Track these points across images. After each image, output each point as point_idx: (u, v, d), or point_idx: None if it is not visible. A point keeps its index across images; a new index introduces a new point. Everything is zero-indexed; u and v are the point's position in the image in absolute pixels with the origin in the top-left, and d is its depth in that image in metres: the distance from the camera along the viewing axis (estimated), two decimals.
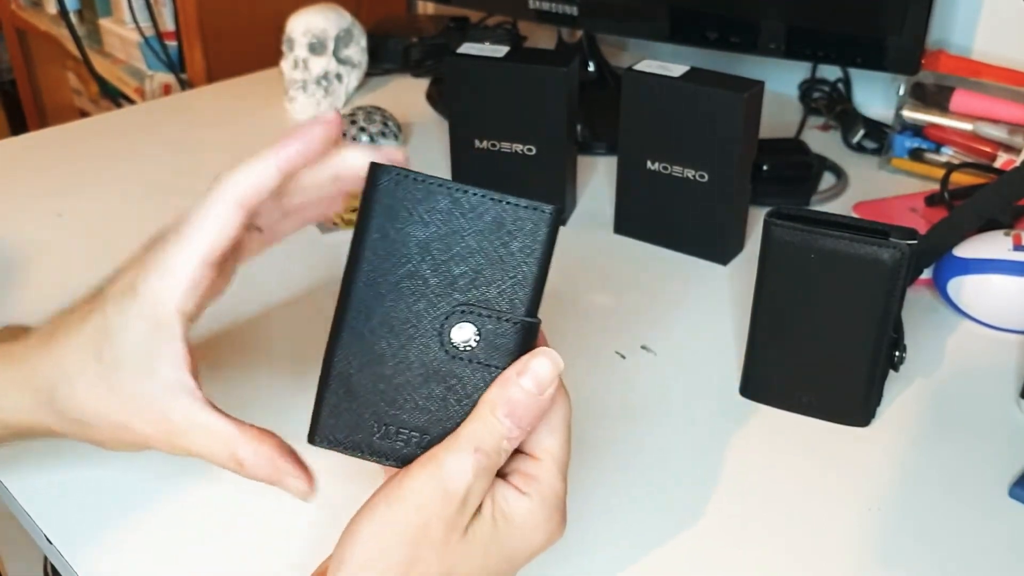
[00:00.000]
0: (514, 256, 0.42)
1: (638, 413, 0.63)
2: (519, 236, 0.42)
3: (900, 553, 0.53)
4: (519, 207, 0.42)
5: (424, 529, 0.39)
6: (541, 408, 0.41)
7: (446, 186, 0.42)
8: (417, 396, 0.42)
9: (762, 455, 0.59)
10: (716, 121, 0.73)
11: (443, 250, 0.42)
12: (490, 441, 0.40)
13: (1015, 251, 0.69)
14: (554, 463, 0.42)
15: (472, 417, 0.41)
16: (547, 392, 0.41)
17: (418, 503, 0.39)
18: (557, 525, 0.42)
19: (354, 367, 0.42)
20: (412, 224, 0.42)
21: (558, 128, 0.80)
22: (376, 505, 0.40)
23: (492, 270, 0.42)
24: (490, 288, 0.42)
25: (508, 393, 0.40)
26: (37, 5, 1.73)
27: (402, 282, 0.42)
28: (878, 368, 0.60)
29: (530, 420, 0.41)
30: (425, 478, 0.39)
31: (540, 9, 0.98)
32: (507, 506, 0.41)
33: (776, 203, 0.61)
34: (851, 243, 0.56)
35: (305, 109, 1.05)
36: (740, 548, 0.53)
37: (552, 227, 0.42)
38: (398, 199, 0.42)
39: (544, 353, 0.41)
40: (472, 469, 0.39)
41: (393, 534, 0.39)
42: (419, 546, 0.39)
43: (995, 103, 0.89)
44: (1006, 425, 0.62)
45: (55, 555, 0.53)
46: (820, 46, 0.86)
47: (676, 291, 0.76)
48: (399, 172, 0.42)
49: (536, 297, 0.42)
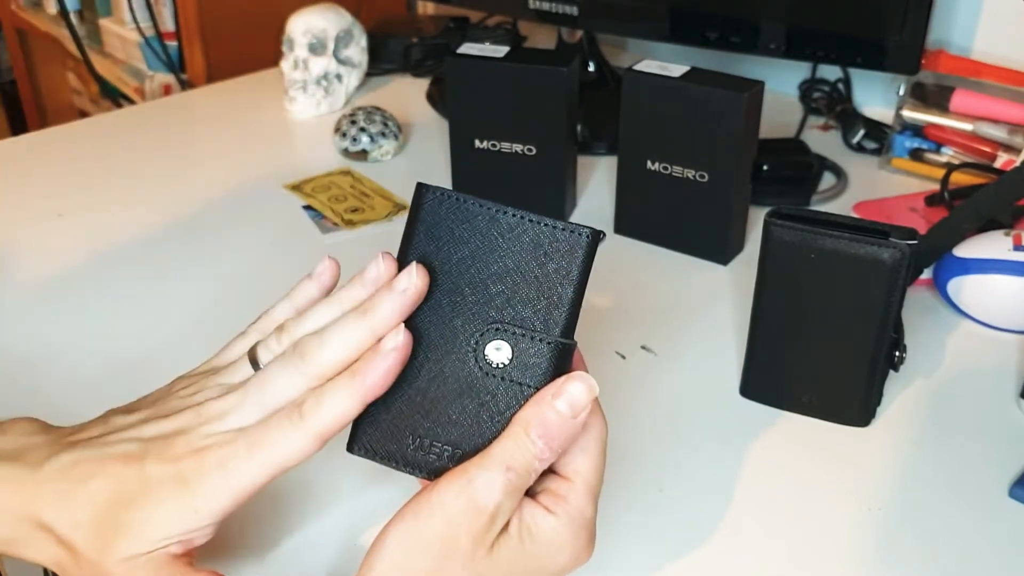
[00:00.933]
0: (550, 277, 0.43)
1: (638, 413, 0.63)
2: (556, 258, 0.42)
3: (900, 553, 0.53)
4: (557, 229, 0.43)
5: (452, 542, 0.39)
6: (574, 431, 0.41)
7: (486, 206, 0.43)
8: (451, 410, 0.42)
9: (762, 455, 0.59)
10: (716, 121, 0.73)
11: (481, 268, 0.43)
12: (521, 460, 0.40)
13: (1015, 251, 0.69)
14: (584, 485, 0.42)
15: (505, 435, 0.41)
16: (581, 416, 0.41)
17: (447, 516, 0.40)
18: (584, 546, 0.42)
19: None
20: (453, 242, 0.43)
21: (558, 128, 0.80)
22: (405, 516, 0.40)
23: (528, 290, 0.43)
24: (526, 308, 0.42)
25: (542, 414, 0.41)
26: (37, 5, 1.73)
27: (441, 298, 0.43)
28: (878, 368, 0.60)
29: (562, 442, 0.41)
30: (455, 492, 0.40)
31: (540, 9, 0.98)
32: (534, 525, 0.41)
33: (776, 203, 0.61)
34: (851, 243, 0.56)
35: (305, 109, 1.05)
36: (740, 548, 0.53)
37: (589, 250, 0.43)
38: (440, 218, 0.43)
39: (580, 377, 0.41)
40: (502, 487, 0.40)
41: (420, 545, 0.39)
42: (446, 559, 0.39)
43: (995, 103, 0.89)
44: (1006, 425, 0.62)
45: None
46: (820, 46, 0.86)
47: (676, 291, 0.76)
48: (442, 192, 0.43)
49: (571, 319, 0.43)
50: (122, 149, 0.98)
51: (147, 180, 0.92)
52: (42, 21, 1.70)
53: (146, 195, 0.89)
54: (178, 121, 1.06)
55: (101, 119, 1.08)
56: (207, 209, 0.86)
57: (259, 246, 0.81)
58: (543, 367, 0.42)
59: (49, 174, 0.93)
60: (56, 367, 0.66)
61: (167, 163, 0.95)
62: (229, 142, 1.00)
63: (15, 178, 0.92)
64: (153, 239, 0.82)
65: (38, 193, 0.89)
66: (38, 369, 0.66)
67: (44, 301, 0.74)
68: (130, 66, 1.50)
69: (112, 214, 0.85)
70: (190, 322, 0.71)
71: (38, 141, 1.01)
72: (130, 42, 1.46)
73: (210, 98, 1.12)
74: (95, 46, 1.57)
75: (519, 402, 0.42)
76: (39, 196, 0.89)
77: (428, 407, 0.43)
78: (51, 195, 0.89)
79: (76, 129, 1.03)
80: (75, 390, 0.64)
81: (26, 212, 0.86)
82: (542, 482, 0.43)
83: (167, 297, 0.74)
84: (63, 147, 0.98)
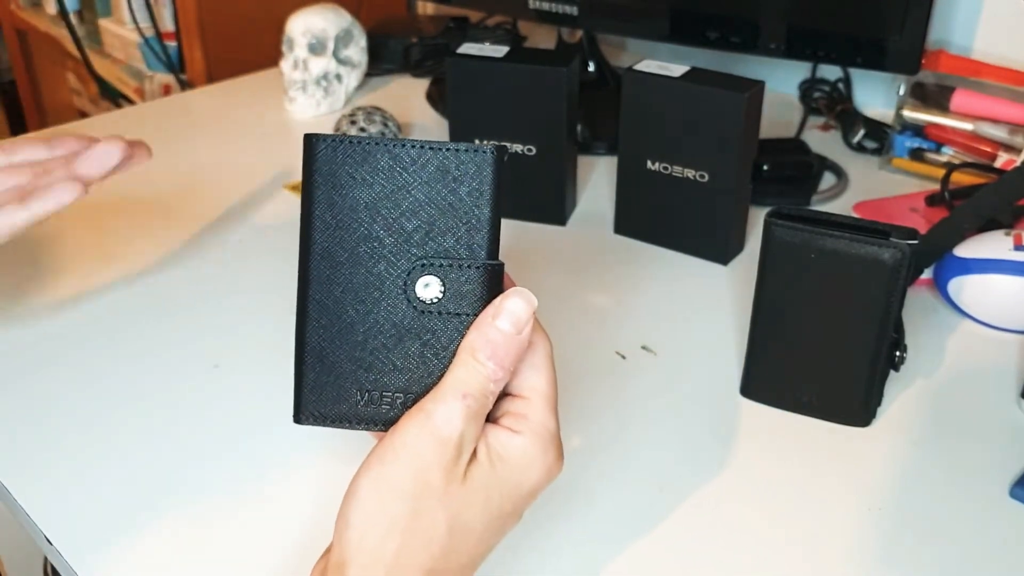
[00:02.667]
0: (464, 201, 0.41)
1: (638, 413, 0.63)
2: (466, 180, 0.41)
3: (900, 553, 0.53)
4: (460, 151, 0.41)
5: (423, 480, 0.39)
6: (521, 347, 0.41)
7: (383, 143, 0.42)
8: (394, 357, 0.42)
9: (762, 455, 0.59)
10: (716, 121, 0.73)
11: (392, 208, 0.41)
12: (476, 385, 0.40)
13: (1015, 251, 0.69)
14: (542, 399, 0.42)
15: (455, 364, 0.41)
16: (525, 330, 0.41)
17: (412, 456, 0.39)
18: (554, 460, 0.42)
19: (326, 340, 0.42)
20: (356, 187, 0.42)
21: (558, 128, 0.80)
22: (371, 464, 0.40)
23: (445, 219, 0.41)
24: (446, 238, 0.41)
25: (487, 335, 0.41)
26: (37, 5, 1.73)
27: (358, 247, 0.42)
28: (878, 368, 0.60)
29: (512, 360, 0.41)
30: (416, 430, 0.39)
31: (540, 9, 0.98)
32: (501, 448, 0.41)
33: (776, 203, 0.61)
34: (851, 243, 0.56)
35: (305, 109, 1.05)
36: (740, 548, 0.53)
37: (497, 165, 0.41)
38: (338, 165, 0.42)
39: (516, 293, 0.41)
40: (462, 415, 0.40)
41: (391, 490, 0.39)
42: (420, 498, 0.39)
43: (995, 103, 0.89)
44: (1006, 425, 0.62)
45: (55, 555, 0.53)
46: (820, 46, 0.86)
47: (676, 291, 0.76)
48: (333, 138, 0.42)
49: (494, 239, 0.42)
50: None
51: (146, 180, 0.92)
52: (42, 21, 1.70)
53: (146, 195, 0.89)
54: (178, 121, 1.05)
55: (100, 119, 1.08)
56: (207, 209, 0.86)
57: (259, 246, 0.81)
58: (477, 293, 0.41)
59: None
60: (57, 367, 0.66)
61: (166, 163, 0.95)
62: (229, 142, 1.00)
63: None
64: (153, 239, 0.82)
65: None
66: (48, 373, 0.66)
67: (43, 301, 0.74)
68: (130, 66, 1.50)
69: (112, 214, 0.85)
70: (191, 322, 0.71)
71: None
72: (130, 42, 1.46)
73: (210, 98, 1.12)
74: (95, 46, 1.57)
75: (460, 333, 0.41)
76: None
77: (370, 360, 0.42)
78: None
79: (75, 129, 1.03)
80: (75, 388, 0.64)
81: None
82: (500, 406, 0.42)
83: (168, 296, 0.74)
84: None
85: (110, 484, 0.57)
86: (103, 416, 0.62)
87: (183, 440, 0.60)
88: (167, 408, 0.63)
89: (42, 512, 0.55)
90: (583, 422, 0.62)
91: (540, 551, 0.52)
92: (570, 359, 0.68)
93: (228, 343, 0.68)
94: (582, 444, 0.60)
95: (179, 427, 0.61)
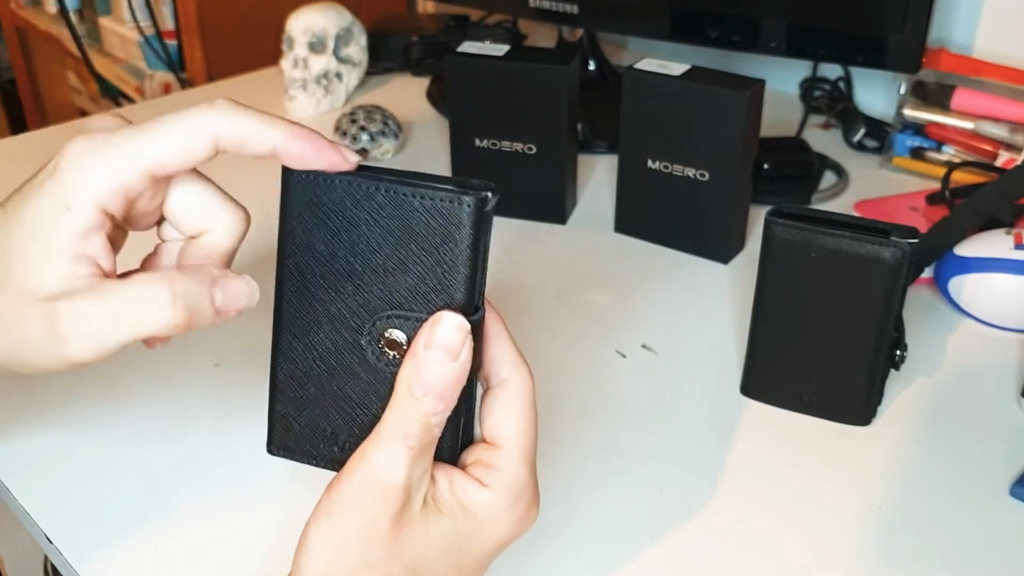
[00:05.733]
0: (437, 253, 0.38)
1: (639, 412, 0.63)
2: (440, 232, 0.38)
3: (900, 552, 0.53)
4: (436, 201, 0.38)
5: (372, 530, 0.38)
6: (459, 374, 0.38)
7: (356, 184, 0.39)
8: (355, 405, 0.41)
9: (763, 454, 0.59)
10: (717, 120, 0.73)
11: (360, 256, 0.39)
12: (415, 423, 0.38)
13: (1016, 250, 0.69)
14: (515, 449, 0.40)
15: (392, 403, 0.39)
16: (461, 356, 0.38)
17: (358, 507, 0.38)
18: (525, 512, 0.40)
19: (295, 376, 0.42)
20: (328, 226, 0.40)
21: (558, 127, 0.80)
22: (320, 516, 0.39)
23: (416, 270, 0.39)
24: (416, 290, 0.39)
25: (419, 368, 0.38)
26: (37, 4, 1.73)
27: (328, 288, 0.40)
28: (879, 367, 0.60)
29: (451, 390, 0.38)
30: (360, 481, 0.38)
31: (540, 7, 0.98)
32: (466, 499, 0.39)
33: (777, 202, 0.60)
34: (852, 242, 0.56)
35: (305, 108, 1.05)
36: (741, 547, 0.53)
37: (476, 217, 0.38)
38: (313, 202, 0.40)
39: (445, 317, 0.38)
40: (404, 459, 0.38)
41: (342, 541, 0.38)
42: (370, 547, 0.38)
43: (996, 102, 0.89)
44: (1007, 424, 0.62)
45: (55, 555, 0.53)
46: (821, 44, 0.86)
47: (677, 290, 0.76)
48: (306, 175, 0.40)
49: (469, 291, 0.39)
50: None
51: None
52: (42, 20, 1.70)
53: None
54: None
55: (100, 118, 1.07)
56: None
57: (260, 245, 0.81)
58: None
59: None
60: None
61: None
62: None
63: (15, 178, 0.92)
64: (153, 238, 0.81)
65: None
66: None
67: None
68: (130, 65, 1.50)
69: None
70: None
71: (38, 140, 1.00)
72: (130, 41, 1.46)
73: (210, 97, 1.11)
74: (95, 45, 1.57)
75: None
76: None
77: (331, 401, 0.41)
78: None
79: (76, 128, 1.03)
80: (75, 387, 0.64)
81: None
82: (471, 452, 0.41)
83: None
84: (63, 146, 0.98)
85: (111, 483, 0.57)
86: (104, 415, 0.62)
87: (184, 439, 0.60)
88: (168, 407, 0.63)
89: (42, 512, 0.55)
90: (583, 421, 0.62)
91: (539, 551, 0.52)
92: (570, 358, 0.68)
93: (229, 342, 0.68)
94: (582, 444, 0.60)
95: (180, 426, 0.61)
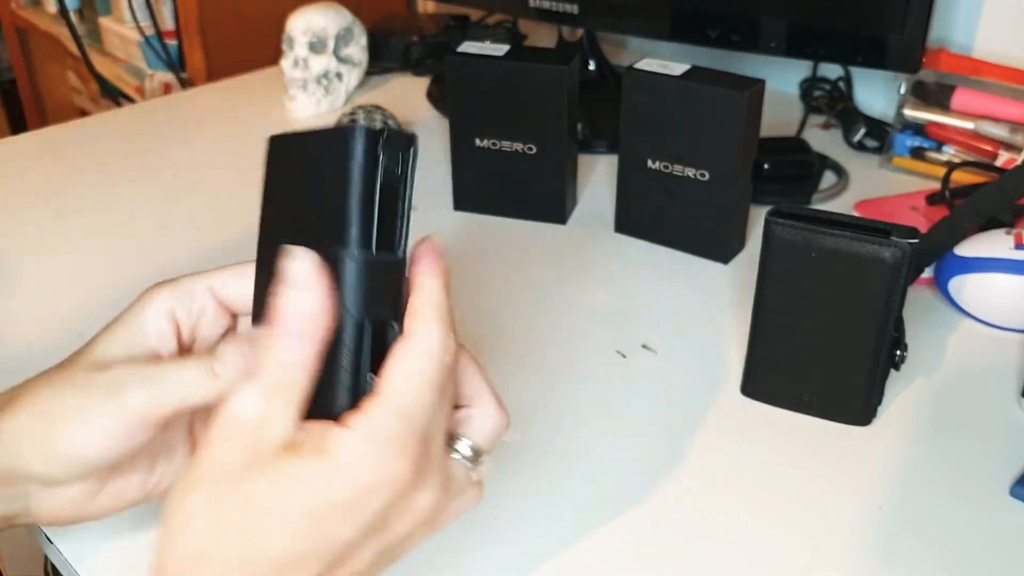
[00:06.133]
0: (336, 186, 0.38)
1: (639, 412, 0.63)
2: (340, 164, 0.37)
3: (900, 552, 0.53)
4: (334, 133, 0.38)
5: (219, 467, 0.37)
6: (309, 311, 0.37)
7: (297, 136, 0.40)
8: None
9: (763, 454, 0.59)
10: (717, 120, 0.73)
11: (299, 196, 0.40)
12: (267, 360, 0.37)
13: (1016, 250, 0.69)
14: (390, 398, 0.37)
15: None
16: (309, 284, 0.37)
17: (209, 443, 0.37)
18: (399, 467, 0.37)
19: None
20: (288, 183, 0.41)
21: (559, 127, 0.80)
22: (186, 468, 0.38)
23: (323, 205, 0.38)
24: (322, 225, 0.38)
25: (273, 305, 0.38)
26: (37, 4, 1.73)
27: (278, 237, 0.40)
28: (879, 367, 0.60)
29: (300, 320, 0.37)
30: (217, 418, 0.37)
31: (540, 7, 0.98)
32: (325, 443, 0.37)
33: (777, 202, 0.60)
34: (852, 242, 0.56)
35: (305, 107, 1.05)
36: (741, 547, 0.53)
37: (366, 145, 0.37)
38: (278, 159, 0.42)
39: (293, 251, 0.38)
40: (253, 394, 0.37)
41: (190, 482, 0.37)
42: (218, 484, 0.36)
43: (996, 101, 0.89)
44: (1007, 424, 0.62)
45: (55, 555, 0.53)
46: (821, 44, 0.86)
47: (677, 290, 0.76)
48: (278, 137, 0.41)
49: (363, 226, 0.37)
50: (122, 148, 0.98)
51: (147, 179, 0.92)
52: (42, 20, 1.70)
53: (146, 194, 0.89)
54: (178, 120, 1.05)
55: (101, 118, 1.08)
56: (208, 208, 0.86)
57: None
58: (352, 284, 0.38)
59: (49, 174, 0.93)
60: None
61: (167, 162, 0.95)
62: (229, 141, 1.00)
63: (15, 178, 0.92)
64: (153, 238, 0.82)
65: (38, 193, 0.89)
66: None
67: (44, 301, 0.74)
68: (130, 65, 1.50)
69: (112, 213, 0.85)
70: None
71: (38, 140, 1.00)
72: (130, 41, 1.46)
73: (210, 97, 1.12)
74: (95, 45, 1.57)
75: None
76: (39, 196, 0.88)
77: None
78: (51, 195, 0.89)
79: (76, 128, 1.03)
80: None
81: (26, 212, 0.86)
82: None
83: None
84: (63, 146, 0.98)
85: None
86: None
87: None
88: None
89: None
90: (583, 421, 0.62)
91: (538, 551, 0.52)
92: (570, 358, 0.68)
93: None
94: (581, 443, 0.60)
95: None
